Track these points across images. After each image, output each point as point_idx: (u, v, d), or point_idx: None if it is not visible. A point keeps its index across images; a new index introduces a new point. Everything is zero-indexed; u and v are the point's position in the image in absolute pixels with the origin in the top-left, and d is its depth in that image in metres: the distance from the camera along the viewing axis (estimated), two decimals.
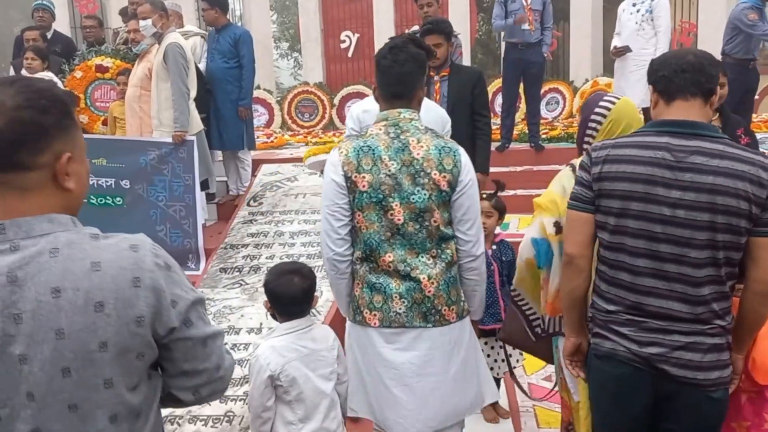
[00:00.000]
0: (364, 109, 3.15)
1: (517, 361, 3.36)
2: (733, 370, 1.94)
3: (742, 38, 6.14)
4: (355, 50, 11.90)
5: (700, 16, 9.27)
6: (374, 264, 2.31)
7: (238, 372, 3.62)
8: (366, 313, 2.32)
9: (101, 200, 5.15)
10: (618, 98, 2.39)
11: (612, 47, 6.56)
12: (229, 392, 3.57)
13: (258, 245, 5.01)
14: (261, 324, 3.98)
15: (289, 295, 2.34)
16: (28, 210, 1.16)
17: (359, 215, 2.28)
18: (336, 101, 10.43)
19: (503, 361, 3.09)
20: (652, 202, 1.84)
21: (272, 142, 8.53)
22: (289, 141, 8.87)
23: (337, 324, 4.32)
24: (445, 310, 2.31)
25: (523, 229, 5.31)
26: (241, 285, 4.56)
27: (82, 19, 7.35)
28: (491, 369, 3.29)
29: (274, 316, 2.46)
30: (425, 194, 2.24)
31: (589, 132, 2.38)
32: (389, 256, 2.28)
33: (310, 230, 5.09)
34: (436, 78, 4.24)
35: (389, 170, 2.24)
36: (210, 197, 6.07)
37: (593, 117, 2.36)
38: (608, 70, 8.62)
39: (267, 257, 4.81)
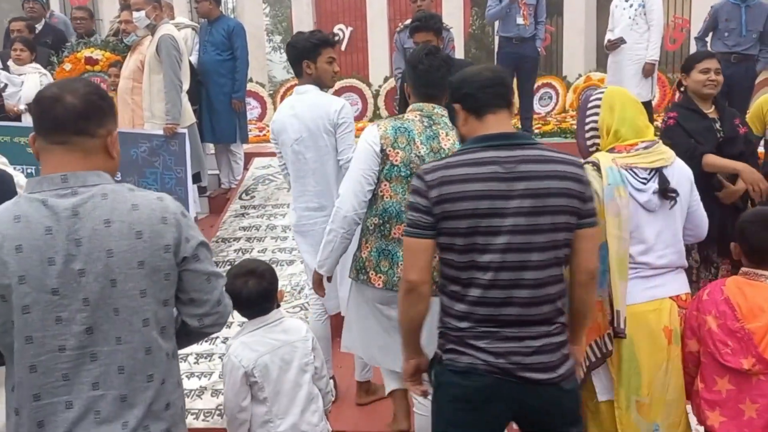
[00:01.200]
0: (272, 119, 3.39)
1: None
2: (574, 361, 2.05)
3: (714, 32, 6.19)
4: (348, 44, 11.87)
5: (693, 12, 9.29)
6: (387, 232, 2.57)
7: None
8: (372, 274, 2.58)
9: None
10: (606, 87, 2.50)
11: (606, 41, 6.57)
12: (220, 386, 3.56)
13: (250, 239, 4.99)
14: None
15: (245, 297, 2.31)
16: (86, 168, 1.58)
17: (386, 185, 2.57)
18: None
19: None
20: (495, 215, 1.85)
21: (265, 135, 8.49)
22: None
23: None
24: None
25: None
26: None
27: (73, 11, 7.27)
28: None
29: None
30: None
31: (592, 126, 2.40)
32: (404, 225, 2.35)
33: None
34: None
35: (419, 152, 2.53)
36: (201, 190, 6.03)
37: (590, 111, 2.41)
38: (601, 65, 8.63)
39: (259, 251, 4.80)
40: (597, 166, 2.27)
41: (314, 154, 3.21)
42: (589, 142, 2.41)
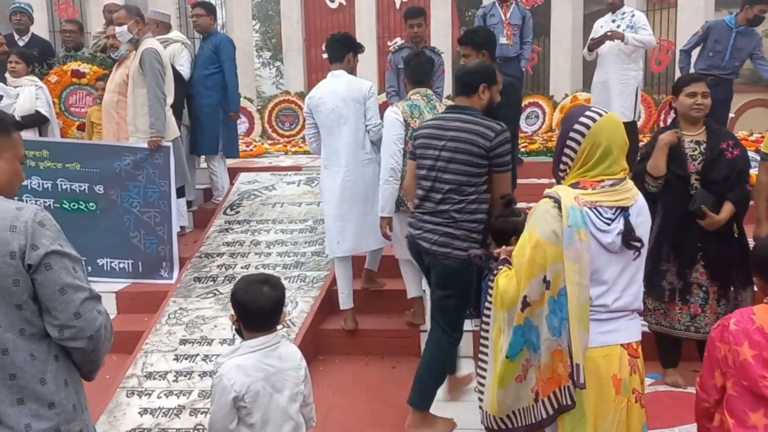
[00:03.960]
0: (308, 96, 4.40)
1: None
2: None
3: (701, 49, 6.26)
4: None
5: (678, 34, 9.40)
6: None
7: (208, 384, 3.55)
8: (409, 205, 3.68)
9: (74, 205, 5.06)
10: (602, 113, 2.18)
11: (589, 39, 6.52)
12: (199, 405, 3.50)
13: (234, 254, 4.94)
14: (234, 335, 3.91)
15: (258, 305, 2.22)
16: None
17: (410, 142, 3.59)
18: None
19: None
20: (430, 148, 3.19)
21: (252, 150, 8.48)
22: (269, 150, 8.82)
23: (311, 335, 4.26)
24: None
25: None
26: (215, 295, 4.49)
27: (62, 24, 7.25)
28: None
29: (239, 332, 2.33)
30: None
31: (566, 152, 2.18)
32: None
33: (286, 240, 5.03)
34: None
35: (426, 118, 3.69)
36: (187, 205, 5.97)
37: (572, 135, 2.17)
38: (587, 85, 8.69)
39: (242, 267, 4.75)
40: (558, 204, 2.09)
41: (348, 120, 4.17)
42: (561, 166, 2.22)
